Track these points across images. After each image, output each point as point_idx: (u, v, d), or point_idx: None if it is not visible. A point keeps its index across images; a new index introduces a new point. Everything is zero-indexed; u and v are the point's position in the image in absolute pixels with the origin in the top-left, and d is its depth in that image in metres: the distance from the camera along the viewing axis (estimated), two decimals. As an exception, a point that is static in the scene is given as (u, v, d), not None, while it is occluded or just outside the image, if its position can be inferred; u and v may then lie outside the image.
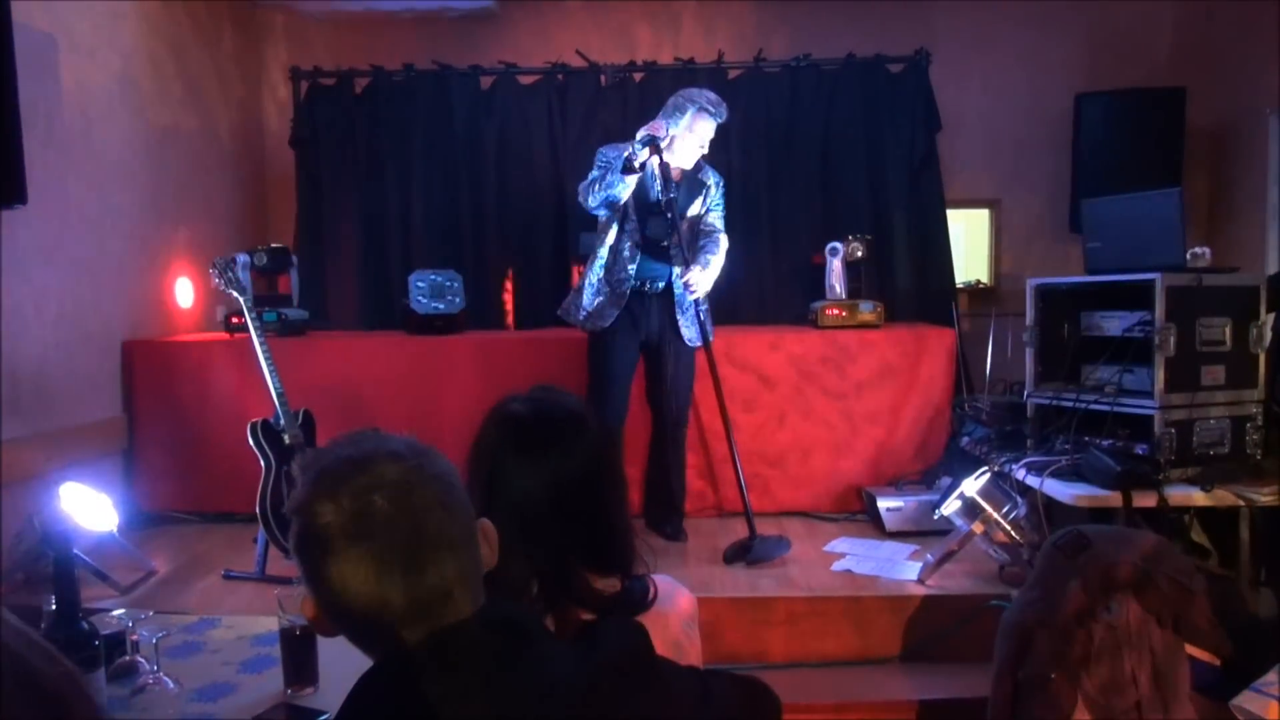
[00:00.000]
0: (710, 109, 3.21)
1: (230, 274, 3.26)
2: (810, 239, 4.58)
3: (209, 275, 3.31)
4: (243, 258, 3.86)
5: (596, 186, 3.21)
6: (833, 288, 4.15)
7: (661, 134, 3.14)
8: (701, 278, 3.27)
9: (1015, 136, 4.98)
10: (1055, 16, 4.94)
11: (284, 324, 3.97)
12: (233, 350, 3.79)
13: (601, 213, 3.29)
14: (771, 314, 4.64)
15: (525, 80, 4.78)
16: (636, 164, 3.11)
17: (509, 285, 4.79)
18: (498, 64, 4.77)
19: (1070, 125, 4.72)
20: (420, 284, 4.05)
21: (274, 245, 4.16)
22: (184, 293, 4.28)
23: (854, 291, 4.16)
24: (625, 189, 3.16)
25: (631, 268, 3.29)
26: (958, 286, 4.80)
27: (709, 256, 3.33)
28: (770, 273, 4.71)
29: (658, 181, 3.18)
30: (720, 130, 4.87)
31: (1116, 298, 3.07)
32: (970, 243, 5.17)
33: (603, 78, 4.75)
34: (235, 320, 3.83)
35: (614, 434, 1.20)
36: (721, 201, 3.45)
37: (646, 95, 4.65)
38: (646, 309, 3.33)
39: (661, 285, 3.34)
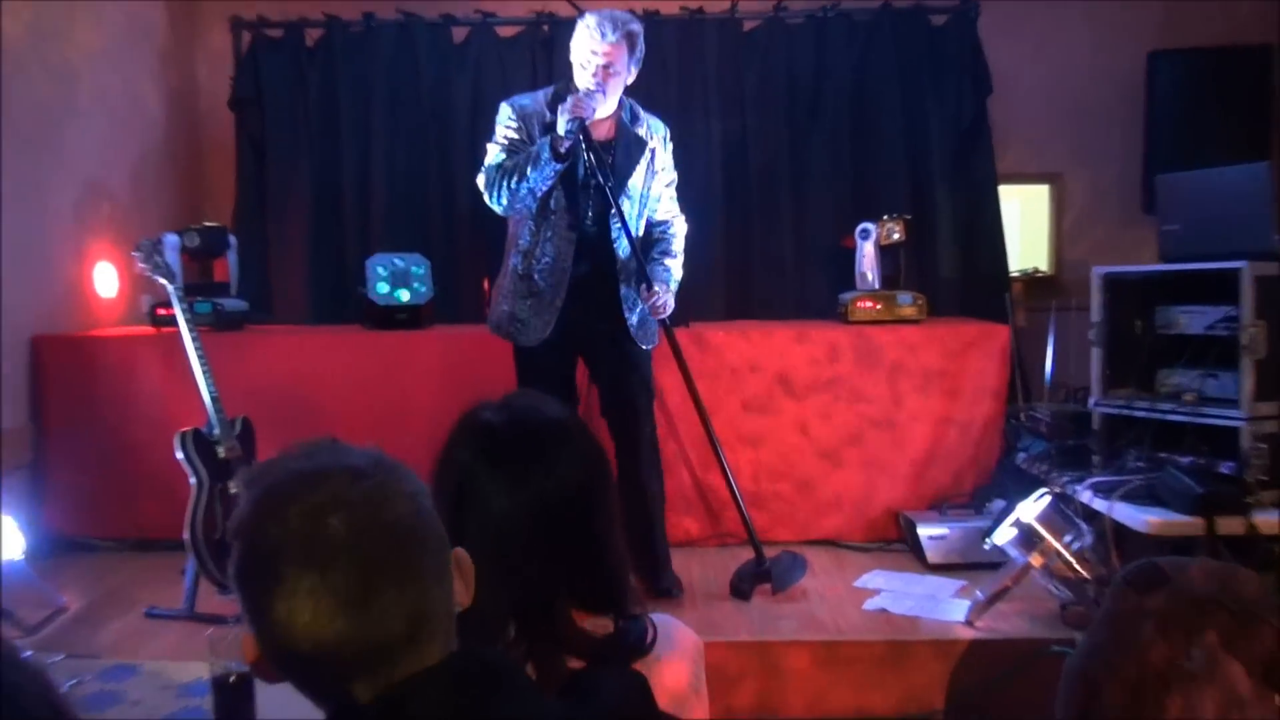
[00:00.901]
0: (593, 22, 2.97)
1: (157, 258, 3.24)
2: (838, 219, 4.57)
3: (132, 259, 3.30)
4: (172, 239, 3.85)
5: (511, 180, 2.97)
6: (865, 276, 4.14)
7: (588, 113, 2.92)
8: (669, 297, 3.13)
9: (1079, 101, 4.97)
10: (1126, -39, 4.94)
11: (219, 316, 3.96)
12: (159, 347, 3.78)
13: (508, 210, 3.09)
14: (792, 307, 4.63)
15: (505, 32, 4.78)
16: (563, 148, 2.90)
17: (485, 271, 4.78)
18: (473, 13, 4.76)
19: (1142, 88, 4.72)
20: (381, 270, 4.05)
21: (209, 224, 4.14)
22: (105, 280, 4.27)
23: (890, 281, 4.16)
24: (551, 181, 2.98)
25: (568, 262, 3.07)
26: (1012, 275, 4.79)
27: (670, 262, 3.20)
28: (791, 258, 4.71)
29: (586, 155, 3.00)
30: (733, 92, 4.82)
31: (1197, 289, 3.07)
32: (1027, 224, 5.17)
33: (596, 29, 4.75)
34: (162, 312, 3.82)
35: (603, 448, 1.18)
36: (672, 165, 3.25)
37: (647, 50, 4.64)
38: (584, 306, 3.12)
39: (599, 275, 3.12)
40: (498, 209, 3.11)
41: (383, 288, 4.04)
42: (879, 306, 4.02)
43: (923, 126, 4.69)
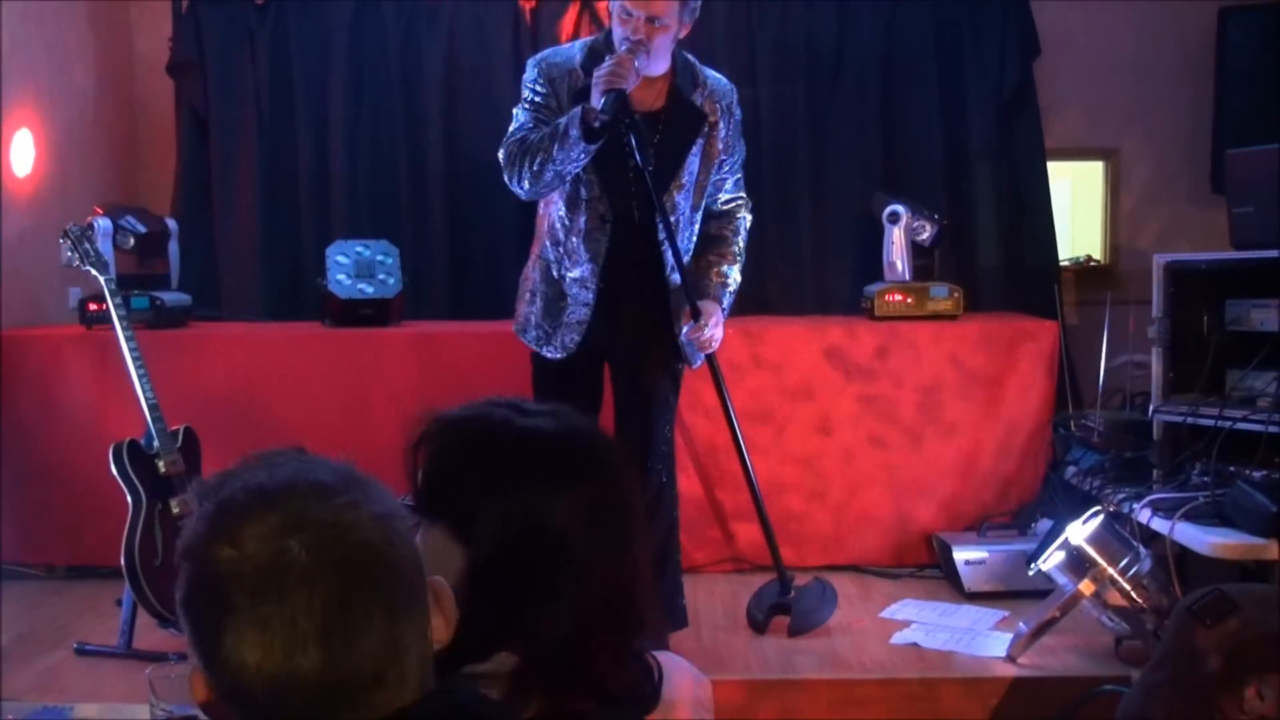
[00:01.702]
0: None
1: (86, 246, 3.25)
2: (864, 200, 4.58)
3: (58, 248, 3.30)
4: (104, 224, 3.85)
5: (533, 160, 2.80)
6: (894, 266, 4.15)
7: (628, 83, 2.73)
8: (719, 330, 2.99)
9: (1139, 65, 4.98)
10: (1192, -96, 4.95)
11: (159, 312, 3.96)
12: (90, 348, 3.79)
13: (531, 194, 2.97)
14: (811, 300, 4.64)
15: (483, -13, 4.79)
16: (596, 123, 2.72)
17: (460, 259, 4.78)
18: (447, -35, 4.77)
19: (1212, 50, 4.72)
20: (343, 259, 4.05)
21: (145, 211, 4.15)
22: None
23: (922, 271, 4.17)
24: (583, 163, 2.84)
25: (601, 263, 2.96)
26: (1061, 264, 4.81)
27: (728, 270, 3.07)
28: (810, 245, 4.71)
29: (625, 132, 2.84)
30: (745, 55, 4.82)
31: (1273, 280, 3.08)
32: (1078, 206, 5.17)
33: (589, -19, 4.75)
34: (93, 308, 3.82)
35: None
36: (739, 140, 3.12)
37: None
38: (622, 316, 3.05)
39: (642, 283, 3.03)
40: (520, 193, 2.95)
41: (345, 279, 4.04)
42: (910, 300, 4.03)
43: (960, 95, 4.69)
